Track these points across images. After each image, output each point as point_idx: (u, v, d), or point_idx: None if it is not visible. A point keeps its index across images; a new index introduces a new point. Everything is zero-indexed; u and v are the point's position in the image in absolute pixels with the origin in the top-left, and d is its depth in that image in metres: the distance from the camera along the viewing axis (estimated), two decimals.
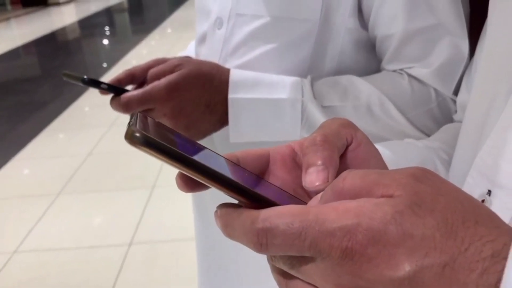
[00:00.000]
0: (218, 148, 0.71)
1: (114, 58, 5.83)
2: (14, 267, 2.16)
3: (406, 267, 0.22)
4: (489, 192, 0.35)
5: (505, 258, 0.21)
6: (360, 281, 0.23)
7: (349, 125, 0.33)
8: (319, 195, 0.27)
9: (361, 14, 0.63)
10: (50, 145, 3.49)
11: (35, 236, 2.38)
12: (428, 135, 0.61)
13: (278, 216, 0.24)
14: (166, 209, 2.50)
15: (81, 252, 2.23)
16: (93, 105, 4.18)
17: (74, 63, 5.88)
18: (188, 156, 0.25)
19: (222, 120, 0.65)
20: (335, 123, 0.33)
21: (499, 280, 0.21)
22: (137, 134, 0.24)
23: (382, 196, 0.24)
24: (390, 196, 0.24)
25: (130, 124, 0.25)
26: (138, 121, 0.26)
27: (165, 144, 0.24)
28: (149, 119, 0.28)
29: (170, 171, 0.39)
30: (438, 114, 0.62)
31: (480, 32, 0.50)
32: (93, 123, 3.78)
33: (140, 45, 6.55)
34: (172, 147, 0.24)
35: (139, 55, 5.94)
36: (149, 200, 2.62)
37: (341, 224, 0.23)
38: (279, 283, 0.28)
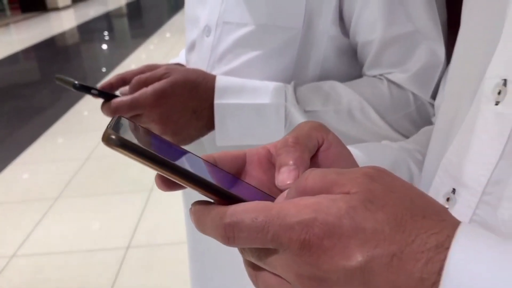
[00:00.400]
0: (207, 151, 0.73)
1: (113, 63, 5.85)
2: (13, 271, 2.18)
3: (358, 257, 0.24)
4: (454, 191, 0.36)
5: (448, 248, 0.23)
6: (317, 271, 0.25)
7: (321, 128, 0.35)
8: (285, 192, 0.29)
9: (342, 21, 0.65)
10: (49, 149, 3.51)
11: (34, 240, 2.39)
12: (408, 138, 0.63)
13: (244, 212, 0.26)
14: (163, 212, 2.51)
15: (79, 256, 2.24)
16: (92, 109, 4.20)
17: (73, 68, 5.90)
18: (160, 156, 0.26)
19: (208, 125, 0.67)
20: (307, 125, 0.35)
21: (441, 268, 0.23)
22: (113, 137, 0.25)
23: (340, 194, 0.26)
24: (347, 193, 0.26)
25: (108, 127, 0.26)
26: (116, 124, 0.28)
27: (140, 145, 0.26)
28: (130, 123, 0.30)
29: None
30: (417, 117, 0.64)
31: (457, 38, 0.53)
32: (91, 127, 3.80)
33: (139, 50, 6.58)
34: (146, 149, 0.26)
35: (138, 60, 5.96)
36: (147, 204, 2.64)
37: (299, 219, 0.25)
38: (249, 275, 0.30)
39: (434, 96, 0.63)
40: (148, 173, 2.92)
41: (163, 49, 6.47)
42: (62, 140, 3.69)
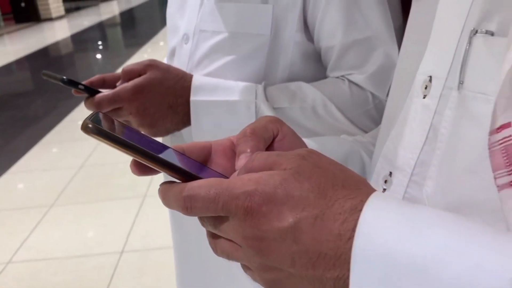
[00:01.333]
0: None
1: (107, 72, 5.82)
2: (9, 277, 2.21)
3: (289, 219, 0.30)
4: (390, 174, 0.42)
5: (361, 210, 0.29)
6: (258, 232, 0.30)
7: (276, 121, 0.41)
8: (237, 172, 0.35)
9: (307, 29, 0.71)
10: (44, 158, 3.55)
11: (29, 246, 2.43)
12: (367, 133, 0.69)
13: (199, 186, 0.32)
14: (156, 218, 2.56)
15: (74, 261, 2.28)
16: None
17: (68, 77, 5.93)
18: (130, 142, 0.32)
19: (184, 120, 0.73)
20: (265, 119, 0.41)
21: (355, 226, 0.28)
22: (90, 125, 0.31)
23: (278, 170, 0.32)
24: (284, 170, 0.31)
25: (86, 118, 0.32)
26: (94, 117, 0.33)
27: (112, 133, 0.32)
28: (106, 117, 0.35)
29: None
30: (376, 114, 0.70)
31: None
32: (85, 136, 3.71)
33: (132, 58, 6.63)
34: (118, 136, 0.32)
35: None
36: (140, 209, 2.68)
37: (244, 190, 0.31)
38: (210, 244, 0.36)
39: None
40: (141, 180, 2.97)
41: (157, 58, 6.49)
42: (56, 149, 3.73)
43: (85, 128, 0.31)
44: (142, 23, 11.08)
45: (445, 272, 0.25)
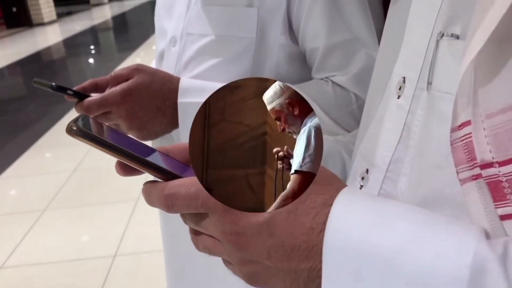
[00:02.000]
0: None
1: (99, 76, 5.88)
2: (0, 283, 2.21)
3: (264, 214, 0.31)
4: (367, 171, 0.44)
5: (331, 205, 0.30)
6: (236, 227, 0.32)
7: None
8: None
9: (292, 31, 0.73)
10: (36, 163, 3.54)
11: (22, 251, 2.42)
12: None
13: (179, 185, 0.34)
14: (149, 221, 2.56)
15: (66, 265, 2.28)
16: None
17: (60, 82, 5.89)
18: (112, 143, 0.33)
19: (172, 123, 0.74)
20: None
21: (326, 219, 0.30)
22: (74, 128, 0.32)
23: None
24: None
25: (71, 121, 0.33)
26: (80, 120, 0.34)
27: (95, 135, 0.33)
28: (93, 120, 0.37)
29: None
30: (359, 114, 0.72)
31: None
32: (78, 141, 3.83)
33: (125, 62, 6.63)
34: (101, 137, 0.33)
35: None
36: (133, 213, 2.68)
37: None
38: (192, 240, 0.37)
39: None
40: (134, 184, 2.97)
41: (149, 61, 6.52)
42: (49, 154, 3.72)
43: (69, 130, 0.32)
44: (134, 27, 11.07)
45: (408, 263, 0.27)
